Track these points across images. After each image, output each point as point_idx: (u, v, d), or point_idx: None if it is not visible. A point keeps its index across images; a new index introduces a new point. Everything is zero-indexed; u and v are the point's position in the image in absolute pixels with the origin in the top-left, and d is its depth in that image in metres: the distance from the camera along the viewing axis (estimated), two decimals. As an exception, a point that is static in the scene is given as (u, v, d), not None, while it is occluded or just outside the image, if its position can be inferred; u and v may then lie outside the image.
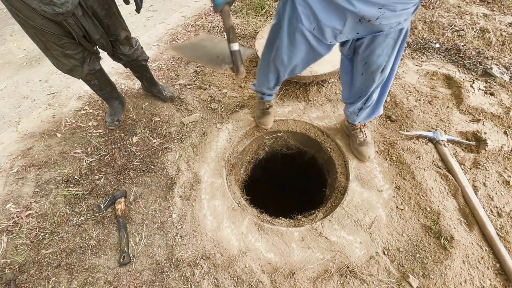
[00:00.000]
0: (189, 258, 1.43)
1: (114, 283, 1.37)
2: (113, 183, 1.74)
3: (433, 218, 1.49)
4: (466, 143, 1.78)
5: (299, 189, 2.57)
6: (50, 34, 1.39)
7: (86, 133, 2.02)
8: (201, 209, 1.61)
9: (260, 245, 1.47)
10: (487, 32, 2.45)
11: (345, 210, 1.55)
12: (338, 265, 1.39)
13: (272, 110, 1.90)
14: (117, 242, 1.50)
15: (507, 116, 1.89)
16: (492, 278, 1.33)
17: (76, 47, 1.53)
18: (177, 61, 2.57)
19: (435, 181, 1.63)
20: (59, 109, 2.23)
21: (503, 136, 1.80)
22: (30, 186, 1.75)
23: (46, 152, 1.92)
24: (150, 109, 2.15)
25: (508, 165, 1.67)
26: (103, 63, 1.92)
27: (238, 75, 1.21)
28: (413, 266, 1.36)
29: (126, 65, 1.87)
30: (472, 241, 1.42)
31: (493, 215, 1.50)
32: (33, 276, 1.40)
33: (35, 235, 1.53)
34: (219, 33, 2.82)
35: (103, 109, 2.18)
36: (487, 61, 2.23)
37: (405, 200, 1.58)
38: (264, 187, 2.30)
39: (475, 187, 1.58)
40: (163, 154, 1.87)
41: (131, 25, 3.21)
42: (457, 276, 1.31)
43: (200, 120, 2.04)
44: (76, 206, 1.64)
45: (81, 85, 2.36)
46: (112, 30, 1.57)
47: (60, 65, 1.57)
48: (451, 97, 2.05)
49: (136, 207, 1.63)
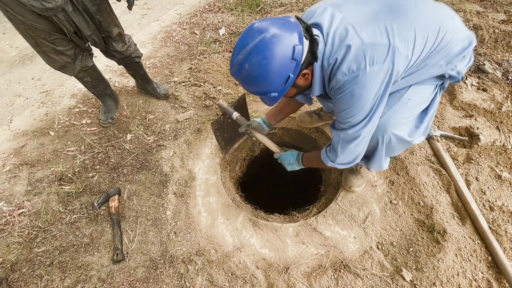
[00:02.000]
0: (183, 254, 1.43)
1: (107, 280, 1.36)
2: (107, 180, 1.73)
3: (426, 213, 1.50)
4: (459, 138, 1.79)
5: (295, 186, 2.57)
6: (40, 30, 1.38)
7: (80, 131, 2.00)
8: (195, 206, 1.60)
9: (255, 241, 1.47)
10: (480, 29, 2.46)
11: (339, 205, 1.56)
12: (332, 260, 1.39)
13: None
14: (110, 240, 1.49)
15: (500, 111, 1.90)
16: (484, 271, 1.34)
17: (67, 43, 1.52)
18: (172, 58, 2.56)
19: (428, 176, 1.64)
20: (52, 107, 2.21)
21: (495, 131, 1.81)
22: (23, 184, 1.73)
23: (39, 150, 1.90)
24: (145, 106, 2.13)
25: (500, 159, 1.69)
26: (96, 61, 1.91)
27: None
28: (407, 260, 1.37)
29: (119, 62, 1.85)
30: (465, 235, 1.43)
31: (485, 209, 1.51)
32: (25, 274, 1.39)
33: (27, 234, 1.52)
34: (214, 30, 2.81)
35: (97, 107, 2.17)
36: (480, 57, 2.25)
37: (398, 195, 1.58)
38: (259, 184, 2.30)
39: (467, 182, 1.60)
40: (158, 152, 1.86)
41: (125, 23, 3.20)
42: (450, 269, 1.32)
43: (194, 117, 2.04)
44: (70, 204, 1.63)
45: (75, 83, 2.34)
46: (104, 26, 1.55)
47: (51, 62, 1.56)
48: (444, 93, 2.06)
49: (130, 205, 1.62)
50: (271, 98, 1.00)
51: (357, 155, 1.14)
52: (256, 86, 0.97)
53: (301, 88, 1.10)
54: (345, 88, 0.97)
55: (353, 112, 1.00)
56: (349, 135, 1.06)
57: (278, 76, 0.93)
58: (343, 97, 0.99)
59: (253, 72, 0.92)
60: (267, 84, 0.95)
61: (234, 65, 0.95)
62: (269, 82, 0.94)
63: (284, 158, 1.50)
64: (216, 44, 2.63)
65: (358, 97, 0.97)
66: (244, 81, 0.98)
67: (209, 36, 2.75)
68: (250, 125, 1.55)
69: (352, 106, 0.99)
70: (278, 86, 0.96)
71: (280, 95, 1.00)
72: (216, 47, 2.59)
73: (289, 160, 1.48)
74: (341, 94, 0.99)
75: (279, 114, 1.57)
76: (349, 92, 0.97)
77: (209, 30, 2.83)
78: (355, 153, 1.13)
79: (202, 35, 2.78)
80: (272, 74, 0.91)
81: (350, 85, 0.95)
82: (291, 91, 1.08)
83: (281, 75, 0.93)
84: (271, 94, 0.98)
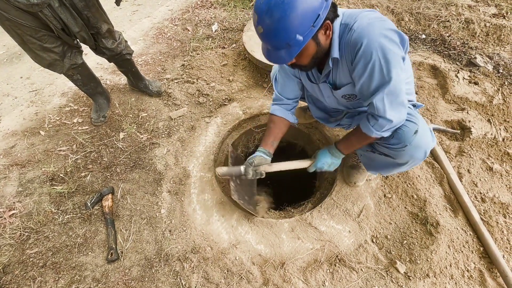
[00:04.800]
0: (178, 252, 1.42)
1: (102, 280, 1.35)
2: (100, 180, 1.71)
3: (420, 205, 1.52)
4: (451, 132, 1.81)
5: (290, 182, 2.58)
6: (26, 26, 1.34)
7: (71, 130, 1.97)
8: (190, 204, 1.60)
9: (250, 237, 1.47)
10: (471, 23, 2.48)
11: (334, 200, 1.57)
12: (327, 254, 1.40)
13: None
14: (104, 239, 1.48)
15: (491, 104, 1.92)
16: (476, 261, 1.36)
17: (55, 40, 1.48)
18: (164, 55, 2.52)
19: (421, 169, 1.66)
20: (42, 106, 2.17)
21: (486, 124, 1.83)
22: (13, 185, 1.70)
23: (29, 151, 1.86)
24: (137, 104, 2.10)
25: (491, 152, 1.71)
26: (87, 58, 1.88)
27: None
28: (401, 253, 1.39)
29: (110, 59, 1.82)
30: (457, 226, 1.45)
31: (477, 201, 1.53)
32: (18, 276, 1.36)
33: (19, 235, 1.49)
34: (206, 26, 2.78)
35: (88, 105, 2.13)
36: (471, 51, 2.27)
37: (392, 189, 1.60)
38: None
39: (459, 174, 1.62)
40: (151, 150, 1.84)
41: (115, 20, 3.14)
42: (443, 260, 1.34)
43: (188, 114, 2.02)
44: (62, 205, 1.60)
45: (65, 82, 2.29)
46: (92, 22, 1.52)
47: (39, 59, 1.52)
48: (436, 86, 2.08)
49: (124, 204, 1.61)
50: (293, 46, 0.95)
51: (404, 107, 1.06)
52: (285, 22, 0.90)
53: (320, 48, 1.03)
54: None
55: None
56: (392, 86, 1.00)
57: (309, 10, 0.89)
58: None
59: (291, 7, 0.87)
60: (297, 20, 0.89)
61: (267, 4, 0.88)
62: (300, 17, 0.88)
63: (321, 166, 1.37)
64: (209, 40, 2.60)
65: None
66: (271, 19, 0.90)
67: (201, 32, 2.72)
68: (253, 163, 1.35)
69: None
70: (307, 26, 0.91)
71: (305, 41, 0.94)
72: (209, 43, 2.56)
73: (328, 164, 1.36)
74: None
75: (275, 140, 1.44)
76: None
77: (201, 26, 2.80)
78: (402, 106, 1.05)
79: (195, 31, 2.75)
80: (304, 5, 0.87)
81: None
82: (311, 48, 1.01)
83: (312, 11, 0.89)
84: (296, 37, 0.92)
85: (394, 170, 1.33)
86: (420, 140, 1.12)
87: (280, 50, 0.98)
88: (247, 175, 1.35)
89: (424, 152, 1.15)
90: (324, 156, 1.36)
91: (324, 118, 1.53)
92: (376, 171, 1.46)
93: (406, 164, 1.24)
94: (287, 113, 1.44)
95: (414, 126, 1.11)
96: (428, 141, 1.15)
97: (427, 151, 1.16)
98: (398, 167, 1.29)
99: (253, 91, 2.15)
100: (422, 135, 1.13)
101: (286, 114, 1.43)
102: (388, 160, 1.28)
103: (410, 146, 1.13)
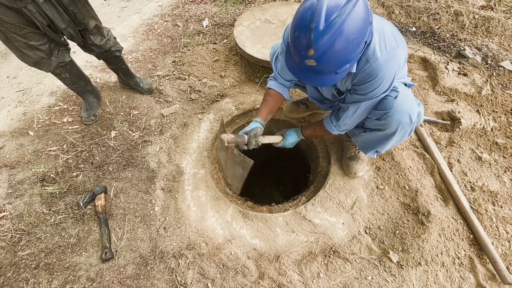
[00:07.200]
0: (173, 249, 1.42)
1: (97, 279, 1.34)
2: (92, 179, 1.69)
3: (412, 196, 1.54)
4: (441, 123, 1.84)
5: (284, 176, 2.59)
6: (10, 23, 1.31)
7: (61, 130, 1.93)
8: (184, 200, 1.59)
9: (245, 232, 1.47)
10: (460, 15, 2.50)
11: (327, 193, 1.58)
12: (322, 247, 1.41)
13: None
14: (98, 239, 1.47)
15: (479, 95, 1.96)
16: (467, 248, 1.39)
17: (41, 37, 1.44)
18: (155, 52, 2.49)
19: (413, 161, 1.68)
20: (30, 106, 2.12)
21: (475, 115, 1.86)
22: (3, 187, 1.67)
23: (18, 152, 1.83)
24: (128, 102, 2.08)
25: (480, 142, 1.74)
26: (75, 56, 1.84)
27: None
28: (393, 242, 1.41)
29: (99, 56, 1.79)
30: (448, 215, 1.48)
31: (467, 190, 1.57)
32: (10, 278, 1.35)
33: (10, 237, 1.47)
34: (197, 22, 2.75)
35: (78, 104, 2.09)
36: (460, 43, 2.29)
37: (385, 180, 1.62)
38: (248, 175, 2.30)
39: (450, 164, 1.65)
40: (143, 147, 1.82)
41: (104, 16, 3.09)
42: (434, 249, 1.36)
43: (180, 111, 2.00)
44: (54, 205, 1.58)
45: (54, 80, 2.24)
46: (79, 18, 1.49)
47: (24, 58, 1.48)
48: (427, 78, 2.10)
49: (117, 202, 1.59)
50: (340, 73, 0.93)
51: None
52: (345, 52, 0.86)
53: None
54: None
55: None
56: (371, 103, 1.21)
57: (363, 37, 0.87)
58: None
59: (351, 33, 0.82)
60: (352, 46, 0.86)
61: (328, 26, 0.81)
62: (355, 45, 0.86)
63: (288, 145, 1.59)
64: (200, 36, 2.57)
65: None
66: (332, 49, 0.84)
67: (192, 28, 2.68)
68: (256, 134, 1.37)
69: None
70: (356, 54, 0.90)
71: (350, 68, 0.94)
72: (199, 39, 2.53)
73: (292, 143, 1.60)
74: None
75: (269, 114, 1.49)
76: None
77: (192, 22, 2.76)
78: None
79: (185, 27, 2.71)
80: (361, 35, 0.85)
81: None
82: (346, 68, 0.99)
83: (363, 37, 0.87)
84: (346, 66, 0.91)
85: (388, 143, 1.34)
86: (402, 103, 1.16)
87: (324, 76, 0.94)
88: (249, 146, 1.35)
89: (408, 116, 1.18)
90: (291, 137, 1.59)
91: (319, 100, 1.54)
92: (373, 151, 1.47)
93: (396, 132, 1.24)
94: (284, 89, 1.47)
95: (394, 93, 1.16)
96: (411, 105, 1.17)
97: (412, 114, 1.18)
98: (391, 137, 1.29)
99: (245, 87, 2.14)
100: (403, 99, 1.16)
101: (283, 90, 1.47)
102: (380, 134, 1.31)
103: (393, 110, 1.16)
